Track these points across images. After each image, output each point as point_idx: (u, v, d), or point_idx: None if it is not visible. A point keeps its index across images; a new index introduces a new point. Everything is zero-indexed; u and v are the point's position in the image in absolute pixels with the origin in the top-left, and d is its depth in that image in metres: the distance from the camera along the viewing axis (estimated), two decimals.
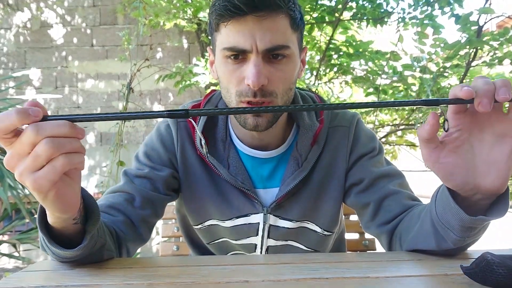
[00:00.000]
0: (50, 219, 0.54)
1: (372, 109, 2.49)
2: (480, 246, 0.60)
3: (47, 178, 0.45)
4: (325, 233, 0.87)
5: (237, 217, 0.84)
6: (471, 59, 2.15)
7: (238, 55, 0.69)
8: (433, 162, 0.53)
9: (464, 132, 0.53)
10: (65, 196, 0.49)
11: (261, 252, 0.87)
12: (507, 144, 0.51)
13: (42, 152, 0.44)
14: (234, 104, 0.72)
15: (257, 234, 0.84)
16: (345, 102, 0.54)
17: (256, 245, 0.86)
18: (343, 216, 1.21)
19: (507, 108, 0.51)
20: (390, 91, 2.50)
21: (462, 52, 2.06)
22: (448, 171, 0.53)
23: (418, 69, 2.22)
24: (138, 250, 2.72)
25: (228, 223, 0.85)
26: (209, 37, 0.77)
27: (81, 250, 0.56)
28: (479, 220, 0.54)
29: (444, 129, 0.53)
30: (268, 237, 0.85)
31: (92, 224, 0.57)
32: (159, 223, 1.14)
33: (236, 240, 0.87)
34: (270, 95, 0.70)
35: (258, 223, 0.83)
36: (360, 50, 2.45)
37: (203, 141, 0.48)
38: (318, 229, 0.86)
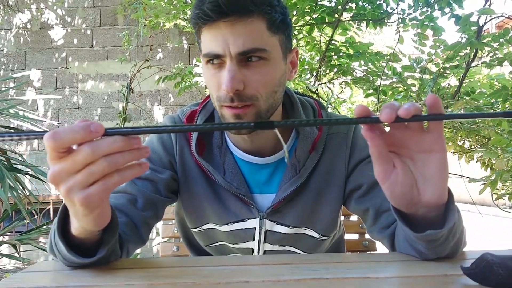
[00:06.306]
0: (76, 230, 0.53)
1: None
2: (480, 246, 0.60)
3: (99, 195, 0.44)
4: (323, 238, 0.87)
5: (234, 222, 0.83)
6: (471, 60, 2.15)
7: (215, 59, 0.69)
8: (384, 180, 0.54)
9: (393, 153, 0.53)
10: (106, 212, 0.49)
11: None
12: (435, 158, 0.52)
13: (97, 170, 0.43)
14: (218, 109, 0.73)
15: (253, 239, 0.84)
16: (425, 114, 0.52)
17: (253, 249, 0.86)
18: (342, 217, 1.21)
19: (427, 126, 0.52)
20: (390, 92, 2.50)
21: (462, 53, 2.06)
22: (395, 190, 0.54)
23: (418, 70, 2.22)
24: (138, 251, 2.71)
25: (225, 228, 0.85)
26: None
27: (96, 259, 0.57)
28: (426, 236, 0.55)
29: None
30: (265, 241, 0.85)
31: (111, 235, 0.57)
32: (159, 224, 1.14)
33: (233, 244, 0.87)
34: (250, 99, 0.69)
35: (255, 228, 0.83)
36: (360, 51, 2.46)
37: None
38: (316, 235, 0.86)
